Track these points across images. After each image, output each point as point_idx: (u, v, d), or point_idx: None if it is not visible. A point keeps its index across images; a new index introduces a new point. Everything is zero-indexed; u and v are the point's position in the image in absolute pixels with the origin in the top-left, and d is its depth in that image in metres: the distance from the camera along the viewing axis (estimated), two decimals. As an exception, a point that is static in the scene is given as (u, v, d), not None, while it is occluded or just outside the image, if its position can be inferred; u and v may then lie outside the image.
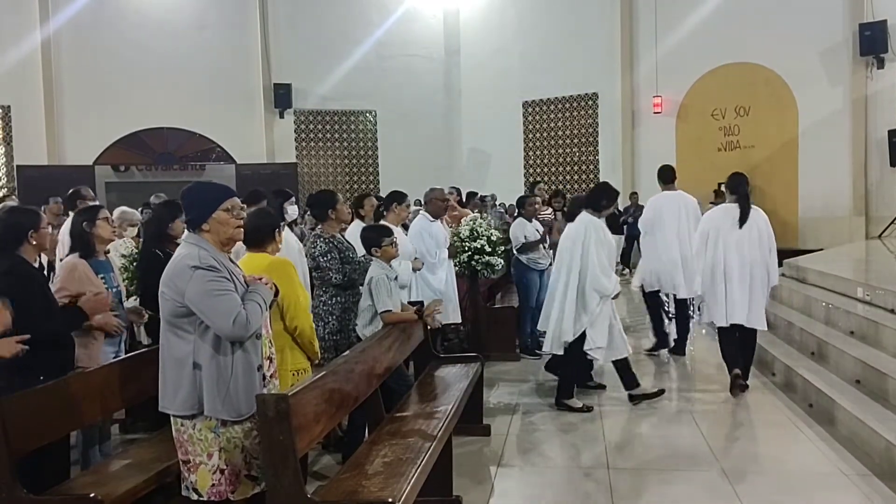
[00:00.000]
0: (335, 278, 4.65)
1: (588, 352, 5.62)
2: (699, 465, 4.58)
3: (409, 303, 5.05)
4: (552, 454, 4.90)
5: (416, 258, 6.02)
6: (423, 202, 7.29)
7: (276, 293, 3.02)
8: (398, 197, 6.18)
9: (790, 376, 6.10)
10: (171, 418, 2.83)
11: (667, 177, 7.43)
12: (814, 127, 14.18)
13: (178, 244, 3.74)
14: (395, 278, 4.60)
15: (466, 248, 6.93)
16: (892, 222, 13.25)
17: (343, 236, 4.97)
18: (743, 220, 5.81)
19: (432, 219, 6.64)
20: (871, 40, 13.24)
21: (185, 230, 3.14)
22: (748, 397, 5.92)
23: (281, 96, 17.31)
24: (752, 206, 5.93)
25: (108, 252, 4.35)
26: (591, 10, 16.43)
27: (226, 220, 2.84)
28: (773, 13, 14.25)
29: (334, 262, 4.66)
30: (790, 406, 5.63)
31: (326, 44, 17.28)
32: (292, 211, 5.85)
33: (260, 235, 3.60)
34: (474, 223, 7.13)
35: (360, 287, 4.65)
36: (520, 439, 5.15)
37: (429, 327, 5.01)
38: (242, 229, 2.92)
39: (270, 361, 2.99)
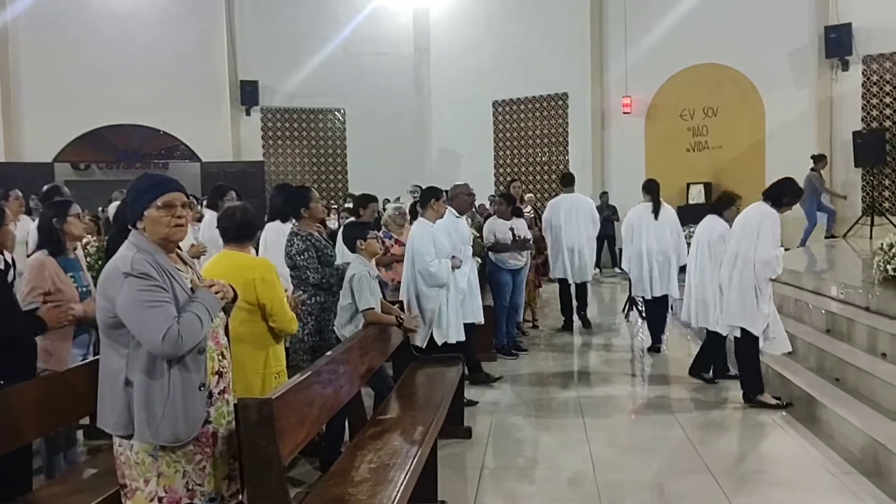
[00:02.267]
0: (312, 277, 4.49)
1: (764, 345, 5.55)
2: (685, 466, 4.52)
3: (392, 302, 4.91)
4: (536, 456, 4.80)
5: (453, 256, 5.79)
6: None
7: (235, 298, 2.72)
8: (435, 193, 5.92)
9: (767, 375, 6.07)
10: (112, 436, 2.53)
11: (566, 182, 9.03)
12: (780, 128, 14.34)
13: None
14: (377, 277, 4.46)
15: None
16: (855, 222, 13.45)
17: (322, 234, 4.81)
18: (656, 214, 7.58)
19: (458, 215, 6.42)
20: (836, 43, 13.42)
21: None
22: (727, 395, 5.90)
23: (247, 93, 16.97)
24: (663, 203, 7.66)
25: (76, 249, 4.14)
26: (562, 11, 16.40)
27: (158, 218, 2.48)
28: (741, 14, 14.37)
29: (311, 261, 4.51)
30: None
31: (294, 40, 17.00)
32: None
33: (245, 232, 3.44)
34: (450, 221, 7.01)
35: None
36: (502, 441, 5.04)
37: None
38: (181, 229, 2.55)
39: (220, 376, 2.60)
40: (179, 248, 2.67)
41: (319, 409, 3.11)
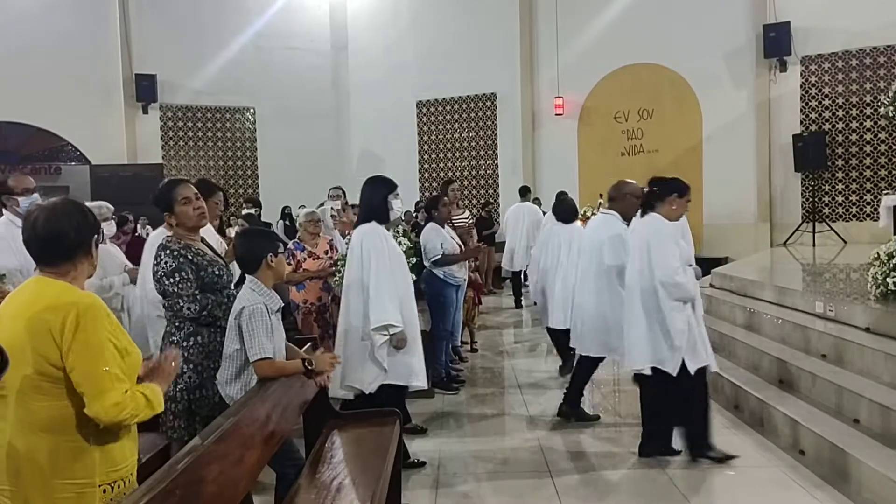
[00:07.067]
0: (188, 309, 3.13)
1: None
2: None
3: (297, 340, 3.59)
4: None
5: (690, 265, 4.62)
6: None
7: (5, 363, 1.55)
8: (679, 187, 4.68)
9: (763, 412, 5.07)
10: None
11: (522, 192, 12.03)
12: (718, 131, 13.73)
13: None
14: (278, 309, 3.12)
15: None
16: (796, 229, 12.94)
17: (206, 246, 3.40)
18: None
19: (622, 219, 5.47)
20: (775, 42, 12.88)
21: None
22: (726, 442, 4.83)
23: (144, 89, 15.26)
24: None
25: None
26: (490, 6, 15.46)
27: None
28: (677, 13, 13.72)
29: (186, 285, 3.14)
30: (778, 455, 4.54)
31: (198, 32, 15.44)
32: (398, 206, 4.35)
33: (54, 249, 2.07)
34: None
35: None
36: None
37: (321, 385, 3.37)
38: None
39: None
40: None
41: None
